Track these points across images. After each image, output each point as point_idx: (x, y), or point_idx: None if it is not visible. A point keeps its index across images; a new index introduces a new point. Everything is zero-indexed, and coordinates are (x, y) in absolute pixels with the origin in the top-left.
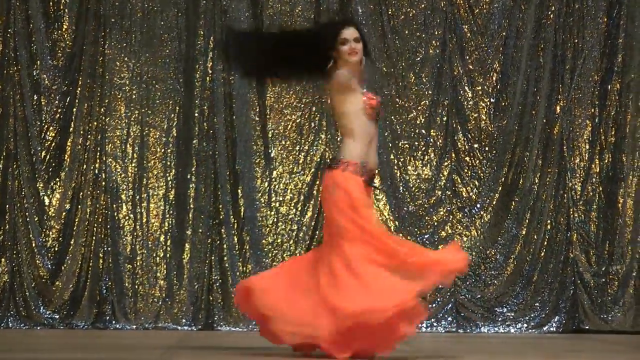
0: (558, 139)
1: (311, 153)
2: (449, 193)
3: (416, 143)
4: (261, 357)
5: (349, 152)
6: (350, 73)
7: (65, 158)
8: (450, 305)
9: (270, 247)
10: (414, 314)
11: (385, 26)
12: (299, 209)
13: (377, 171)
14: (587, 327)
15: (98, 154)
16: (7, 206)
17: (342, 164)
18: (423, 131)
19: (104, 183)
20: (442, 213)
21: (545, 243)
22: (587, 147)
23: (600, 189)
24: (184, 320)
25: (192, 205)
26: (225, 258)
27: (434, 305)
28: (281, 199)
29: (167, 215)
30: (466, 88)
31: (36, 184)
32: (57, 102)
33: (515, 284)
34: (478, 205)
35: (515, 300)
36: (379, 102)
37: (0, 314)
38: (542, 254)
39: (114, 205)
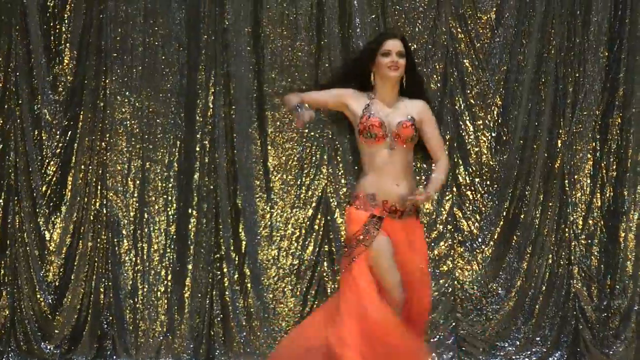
0: (559, 173)
1: (312, 187)
2: (450, 227)
3: (417, 177)
4: None
5: (358, 185)
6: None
7: (66, 193)
8: (451, 340)
9: (271, 281)
10: None
11: None
12: (300, 243)
13: (413, 200)
14: None
15: (99, 188)
16: (8, 241)
17: (352, 197)
18: (424, 165)
19: (105, 218)
20: (443, 247)
21: (547, 277)
22: (589, 181)
23: (602, 223)
24: (184, 355)
25: (193, 240)
26: (226, 292)
27: (435, 339)
28: (282, 233)
29: (168, 250)
30: (467, 122)
31: (37, 219)
32: (58, 136)
33: (517, 318)
34: (479, 240)
35: (517, 335)
36: (381, 123)
37: (1, 349)
38: (544, 288)
39: (115, 240)
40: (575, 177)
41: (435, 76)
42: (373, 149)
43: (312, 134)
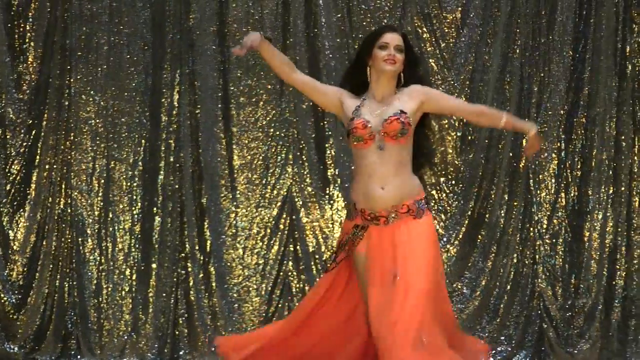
0: (524, 173)
1: (277, 187)
2: None
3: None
4: None
5: (350, 192)
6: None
7: (30, 191)
8: None
9: (236, 280)
10: None
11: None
12: (265, 242)
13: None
14: None
15: (63, 187)
16: None
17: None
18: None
19: (69, 217)
20: None
21: (512, 276)
22: (553, 180)
23: (566, 222)
24: (149, 355)
25: (157, 239)
26: (191, 292)
27: None
28: (247, 232)
29: (133, 249)
30: (433, 122)
31: (0, 218)
32: (22, 135)
33: (482, 318)
34: (445, 239)
35: (482, 334)
36: (364, 124)
37: None
38: (509, 287)
39: (80, 239)
40: (540, 176)
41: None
42: (362, 152)
43: (278, 133)
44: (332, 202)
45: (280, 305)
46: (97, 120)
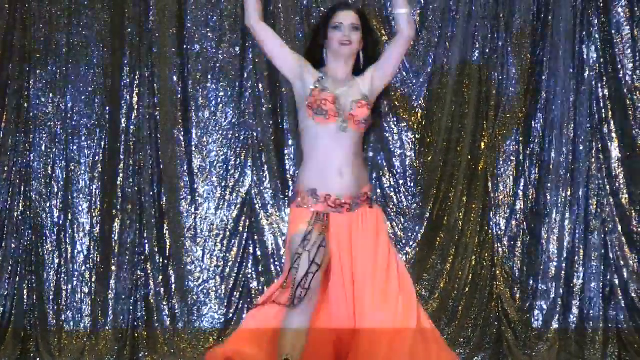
0: (482, 175)
1: (237, 189)
2: None
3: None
4: None
5: (298, 178)
6: None
7: None
8: None
9: (196, 282)
10: None
11: None
12: (225, 244)
13: (368, 193)
14: None
15: (22, 189)
16: None
17: (293, 194)
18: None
19: (28, 219)
20: None
21: (470, 279)
22: (511, 183)
23: (524, 225)
24: (108, 357)
25: (117, 242)
26: (150, 294)
27: None
28: (206, 235)
29: (92, 252)
30: (391, 124)
31: None
32: None
33: (441, 320)
34: (403, 241)
35: (441, 336)
36: (334, 99)
37: None
38: (467, 289)
39: (39, 242)
40: (498, 179)
41: None
42: (320, 129)
43: (237, 136)
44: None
45: (239, 307)
46: (56, 122)
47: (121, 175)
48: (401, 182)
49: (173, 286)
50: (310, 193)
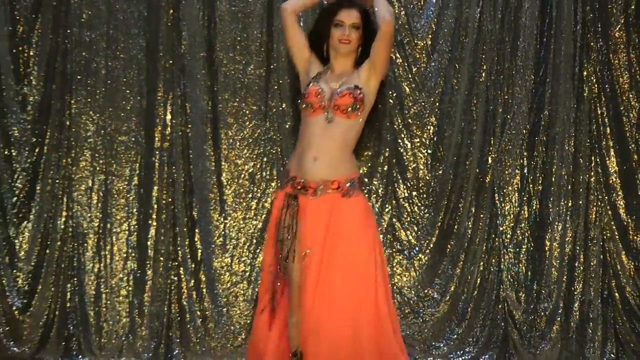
0: (490, 187)
1: (262, 200)
2: (390, 237)
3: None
4: None
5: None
6: None
7: (34, 205)
8: None
9: (225, 286)
10: None
11: None
12: (252, 251)
13: (330, 182)
14: None
15: (65, 200)
16: None
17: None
18: (366, 179)
19: (70, 228)
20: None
21: (478, 283)
22: (517, 194)
23: (529, 233)
24: (145, 355)
25: (152, 249)
26: (183, 297)
27: None
28: (235, 242)
29: (129, 258)
30: (405, 140)
31: (7, 229)
32: (26, 152)
33: (451, 321)
34: (416, 248)
35: (451, 336)
36: (317, 92)
37: None
38: (475, 293)
39: (80, 249)
40: (505, 190)
41: None
42: (308, 120)
43: (262, 150)
44: None
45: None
46: (96, 139)
47: (156, 187)
48: (414, 193)
49: (204, 290)
50: (285, 175)
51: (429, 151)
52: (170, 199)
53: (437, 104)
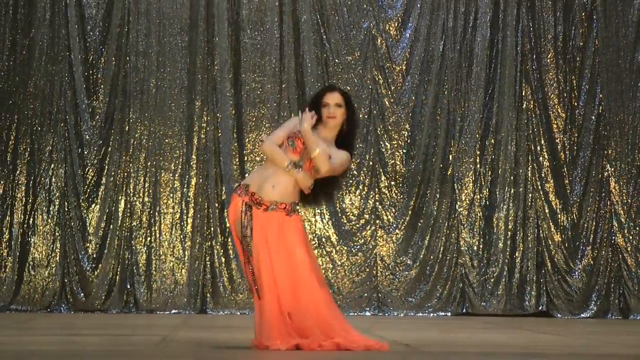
0: (450, 178)
1: None
2: (374, 217)
3: (350, 181)
4: (240, 331)
5: (248, 176)
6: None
7: (101, 192)
8: (374, 295)
9: None
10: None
11: None
12: None
13: (279, 203)
14: (471, 312)
15: (124, 189)
16: (58, 227)
17: (237, 185)
18: (355, 172)
19: (129, 211)
20: (369, 231)
21: (441, 252)
22: (471, 184)
23: (481, 214)
24: (185, 308)
25: (191, 225)
26: (215, 262)
27: (361, 297)
28: None
29: (173, 233)
30: (386, 142)
31: (80, 210)
32: (95, 151)
33: (420, 282)
34: (394, 226)
35: (420, 293)
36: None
37: (56, 303)
38: (439, 260)
39: (135, 226)
40: (462, 181)
41: (363, 109)
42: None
43: None
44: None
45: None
46: (148, 141)
47: (194, 178)
48: (393, 183)
49: (230, 257)
50: (245, 187)
51: (404, 151)
52: (205, 188)
53: (410, 115)
